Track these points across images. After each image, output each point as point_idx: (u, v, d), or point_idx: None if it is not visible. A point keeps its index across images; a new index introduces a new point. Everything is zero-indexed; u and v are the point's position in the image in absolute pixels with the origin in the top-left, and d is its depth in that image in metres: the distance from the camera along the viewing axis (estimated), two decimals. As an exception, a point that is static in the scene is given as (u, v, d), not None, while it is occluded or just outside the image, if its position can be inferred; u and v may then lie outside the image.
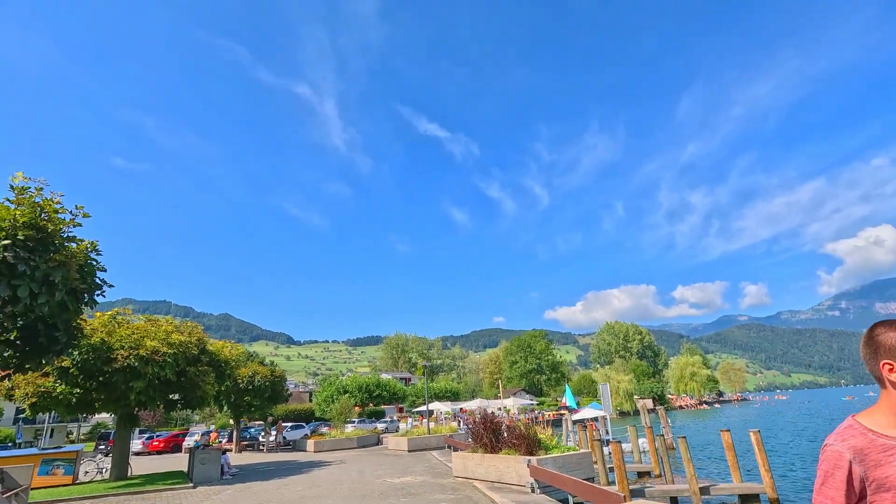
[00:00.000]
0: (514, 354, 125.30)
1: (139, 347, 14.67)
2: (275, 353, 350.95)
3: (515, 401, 70.22)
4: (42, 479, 16.31)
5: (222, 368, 18.46)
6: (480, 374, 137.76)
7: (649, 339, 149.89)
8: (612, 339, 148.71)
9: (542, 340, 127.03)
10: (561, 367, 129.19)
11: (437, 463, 18.47)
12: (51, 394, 14.50)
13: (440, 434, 25.93)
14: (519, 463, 11.29)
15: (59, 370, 13.94)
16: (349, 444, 28.79)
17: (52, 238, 7.05)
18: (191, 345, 16.63)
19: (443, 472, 15.72)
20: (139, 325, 16.10)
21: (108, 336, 14.73)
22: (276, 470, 18.75)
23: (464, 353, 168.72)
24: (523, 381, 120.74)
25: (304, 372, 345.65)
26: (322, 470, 17.77)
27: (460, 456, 13.76)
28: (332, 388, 65.95)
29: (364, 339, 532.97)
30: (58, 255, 6.96)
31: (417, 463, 18.76)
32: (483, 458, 12.61)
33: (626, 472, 14.18)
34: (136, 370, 14.38)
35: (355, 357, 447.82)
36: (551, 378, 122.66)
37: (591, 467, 11.89)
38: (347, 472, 16.55)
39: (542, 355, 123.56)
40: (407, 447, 24.13)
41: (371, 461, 20.13)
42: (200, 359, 17.58)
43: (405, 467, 17.36)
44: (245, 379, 28.83)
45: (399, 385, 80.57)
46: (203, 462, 16.10)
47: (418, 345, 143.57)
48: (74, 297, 7.73)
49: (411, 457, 21.41)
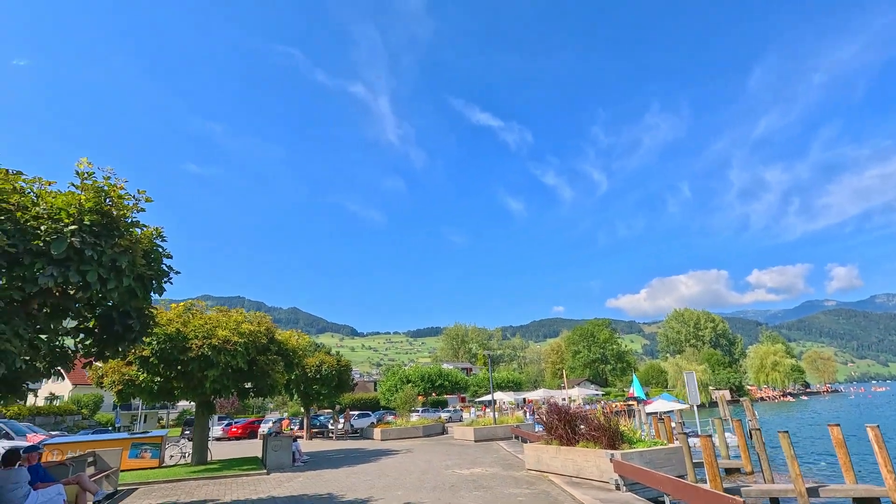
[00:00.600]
0: (576, 344, 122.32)
1: (212, 337, 15.05)
2: (340, 345, 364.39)
3: (580, 391, 68.25)
4: (132, 462, 17.29)
5: (290, 357, 18.75)
6: (542, 365, 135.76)
7: (723, 326, 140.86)
8: (682, 327, 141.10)
9: (606, 329, 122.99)
10: (626, 356, 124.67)
11: (506, 454, 17.81)
12: (134, 381, 15.25)
13: (506, 424, 25.25)
14: (600, 457, 10.37)
15: (140, 359, 14.57)
16: (415, 433, 28.79)
17: (116, 223, 7.00)
18: (260, 334, 16.93)
19: (513, 463, 15.04)
20: (211, 316, 16.59)
21: (183, 326, 15.22)
22: (345, 458, 18.86)
23: (524, 344, 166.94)
24: (587, 370, 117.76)
25: (368, 362, 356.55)
26: (390, 459, 17.64)
27: (533, 448, 13.00)
28: (395, 378, 67.04)
29: (424, 330, 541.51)
30: (123, 241, 6.89)
31: (485, 454, 18.20)
32: (558, 450, 11.77)
33: (718, 468, 12.86)
34: (210, 359, 14.75)
35: (416, 348, 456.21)
36: (616, 368, 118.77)
37: (682, 464, 10.75)
38: (415, 462, 16.28)
39: (606, 344, 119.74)
40: (473, 437, 23.66)
41: (438, 451, 19.82)
42: (269, 348, 17.89)
43: (473, 458, 16.84)
44: (313, 368, 29.52)
45: (461, 375, 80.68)
46: (275, 449, 16.39)
47: (478, 335, 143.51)
48: (142, 284, 7.71)
49: (478, 447, 20.90)
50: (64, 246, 6.25)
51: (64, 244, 6.26)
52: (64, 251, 6.28)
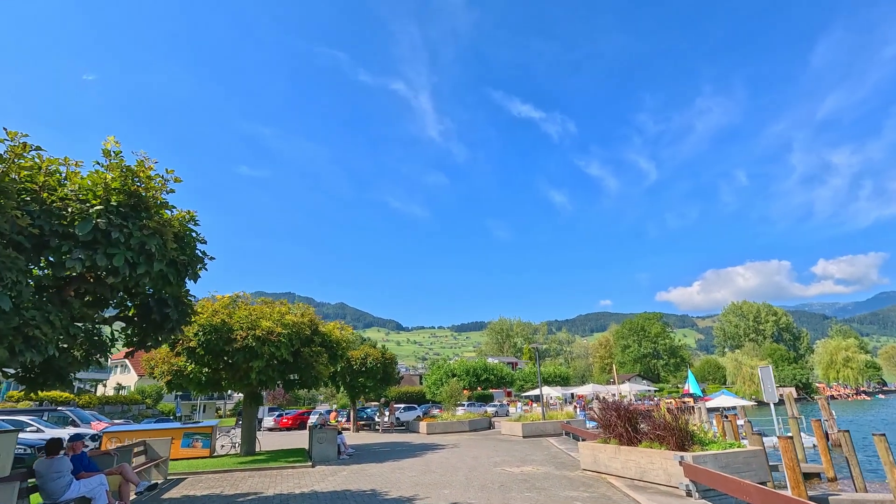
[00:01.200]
0: (626, 338, 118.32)
1: (256, 328, 14.97)
2: (386, 339, 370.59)
3: (631, 386, 65.72)
4: (184, 451, 17.62)
5: (334, 349, 18.53)
6: (590, 359, 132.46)
7: (786, 320, 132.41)
8: (740, 320, 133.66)
9: (658, 323, 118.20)
10: (680, 351, 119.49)
11: (557, 452, 16.87)
12: (182, 372, 15.43)
13: (556, 420, 24.22)
14: (667, 459, 9.33)
15: (187, 350, 14.68)
16: (461, 427, 28.23)
17: (145, 204, 6.69)
18: (303, 326, 16.76)
19: (566, 462, 14.11)
20: (255, 308, 16.56)
21: (228, 317, 15.23)
22: (391, 451, 18.50)
23: (570, 338, 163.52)
24: (637, 365, 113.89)
25: (414, 356, 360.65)
26: (436, 454, 17.10)
27: (589, 447, 12.05)
28: (440, 372, 66.85)
29: (469, 324, 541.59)
30: (151, 222, 6.56)
31: (535, 450, 17.33)
32: (618, 450, 10.78)
33: (801, 474, 11.46)
34: (254, 350, 14.67)
35: (460, 342, 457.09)
36: (669, 363, 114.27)
37: (763, 469, 9.52)
38: (462, 458, 15.64)
39: (658, 339, 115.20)
40: (521, 433, 22.80)
41: (485, 446, 19.12)
42: (313, 340, 17.73)
43: (523, 455, 16.02)
44: (358, 361, 29.54)
45: (506, 369, 79.64)
46: (321, 441, 16.20)
47: (523, 329, 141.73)
48: (175, 270, 7.41)
49: (527, 443, 20.05)
50: (89, 227, 5.96)
51: (89, 225, 5.96)
52: (90, 232, 5.99)
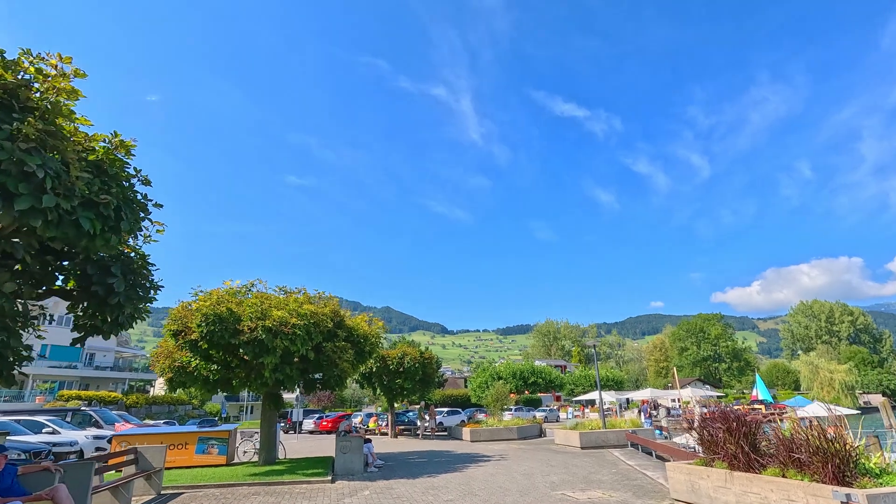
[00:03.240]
0: (683, 340, 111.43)
1: (265, 318, 12.86)
2: (431, 342, 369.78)
3: (693, 391, 60.42)
4: (199, 458, 15.79)
5: (361, 345, 16.25)
6: (643, 363, 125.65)
7: (864, 320, 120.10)
8: (810, 321, 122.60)
9: (718, 324, 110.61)
10: (745, 354, 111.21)
11: (627, 470, 13.79)
12: (185, 368, 13.53)
13: (619, 428, 20.96)
14: (817, 496, 6.30)
15: (189, 343, 12.73)
16: (508, 434, 25.40)
17: (24, 102, 4.43)
18: (324, 317, 14.53)
19: (645, 487, 11.10)
20: (267, 296, 14.50)
21: (237, 306, 13.22)
22: (427, 463, 15.99)
23: (621, 341, 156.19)
24: (697, 369, 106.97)
25: (459, 360, 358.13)
26: (479, 468, 14.43)
27: (682, 469, 9.04)
28: (486, 375, 63.92)
29: (514, 327, 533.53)
30: (29, 128, 4.27)
31: (600, 467, 14.31)
32: (730, 477, 7.77)
33: None
34: (264, 344, 12.55)
35: (506, 346, 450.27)
36: (732, 367, 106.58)
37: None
38: (511, 475, 12.91)
39: (720, 341, 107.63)
40: (579, 443, 19.74)
41: (538, 459, 16.25)
42: (337, 333, 15.53)
43: (586, 473, 13.07)
44: (395, 360, 27.35)
45: (555, 372, 75.70)
46: (344, 451, 13.89)
47: (570, 332, 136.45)
48: (96, 214, 5.14)
49: (587, 456, 17.02)
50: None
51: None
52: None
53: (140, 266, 6.63)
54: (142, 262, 6.83)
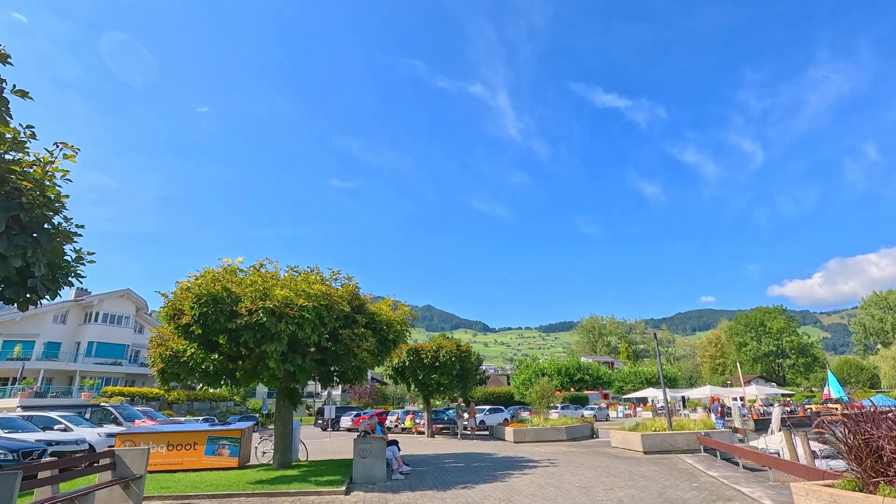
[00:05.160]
0: (741, 335, 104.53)
1: (267, 298, 10.91)
2: (473, 340, 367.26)
3: (758, 389, 55.33)
4: (208, 460, 14.13)
5: (384, 333, 14.12)
6: (697, 359, 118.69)
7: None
8: (885, 313, 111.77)
9: (781, 318, 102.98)
10: (812, 350, 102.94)
11: (712, 483, 10.99)
12: (179, 357, 11.77)
13: (688, 430, 17.97)
14: None
15: (182, 328, 10.96)
16: (556, 435, 22.77)
17: None
18: (339, 299, 12.49)
19: (746, 508, 8.38)
20: (272, 273, 12.60)
21: (236, 286, 11.37)
22: (463, 469, 13.70)
23: (671, 336, 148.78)
24: (758, 366, 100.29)
25: (501, 357, 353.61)
26: (525, 477, 12.00)
27: (823, 496, 6.31)
28: (529, 371, 60.95)
29: (557, 324, 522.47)
30: None
31: (676, 479, 11.56)
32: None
33: None
34: (266, 328, 10.61)
35: (549, 343, 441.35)
36: (797, 363, 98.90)
37: None
38: (564, 488, 10.40)
39: (783, 335, 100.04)
40: (642, 446, 16.93)
41: (596, 467, 13.63)
42: (356, 319, 13.46)
43: (661, 488, 10.38)
44: (429, 354, 25.25)
45: (602, 368, 71.85)
46: (363, 455, 11.79)
47: (616, 328, 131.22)
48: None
49: (654, 464, 14.24)
50: None
51: None
52: None
53: (44, 220, 4.67)
54: (44, 199, 4.87)
